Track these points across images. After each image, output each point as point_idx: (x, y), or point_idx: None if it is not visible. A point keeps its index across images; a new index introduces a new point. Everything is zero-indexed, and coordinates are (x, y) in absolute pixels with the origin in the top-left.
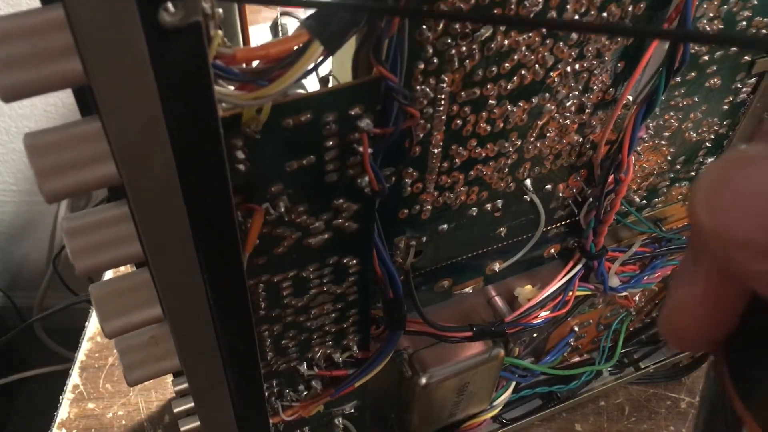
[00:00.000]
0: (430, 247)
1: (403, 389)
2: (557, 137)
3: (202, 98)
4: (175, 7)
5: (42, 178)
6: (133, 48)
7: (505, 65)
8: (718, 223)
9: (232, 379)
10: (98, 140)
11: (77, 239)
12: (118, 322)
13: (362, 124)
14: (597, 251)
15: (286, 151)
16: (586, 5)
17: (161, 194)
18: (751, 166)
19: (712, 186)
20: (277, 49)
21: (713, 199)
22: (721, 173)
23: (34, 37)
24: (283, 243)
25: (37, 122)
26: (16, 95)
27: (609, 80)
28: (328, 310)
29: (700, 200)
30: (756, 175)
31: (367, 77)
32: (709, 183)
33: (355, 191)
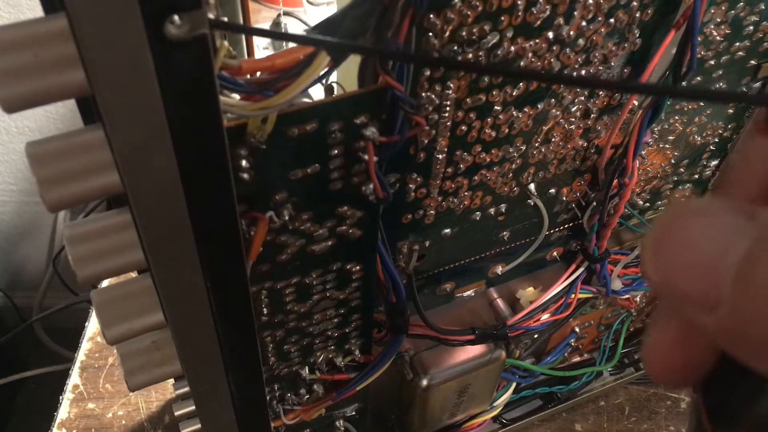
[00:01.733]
0: (433, 251)
1: (405, 391)
2: (562, 142)
3: (208, 109)
4: (182, 20)
5: (45, 187)
6: (139, 60)
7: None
8: (663, 279)
9: (233, 384)
10: (101, 149)
11: (79, 247)
12: (119, 328)
13: (368, 133)
14: (600, 254)
15: (290, 159)
16: (594, 12)
17: (165, 203)
18: (693, 219)
19: (655, 241)
20: (283, 60)
21: (658, 254)
22: (664, 228)
23: (36, 47)
24: (286, 250)
25: (37, 122)
26: (18, 106)
27: None
28: (331, 316)
29: (647, 255)
30: (694, 229)
31: (373, 86)
32: (652, 238)
33: (359, 199)
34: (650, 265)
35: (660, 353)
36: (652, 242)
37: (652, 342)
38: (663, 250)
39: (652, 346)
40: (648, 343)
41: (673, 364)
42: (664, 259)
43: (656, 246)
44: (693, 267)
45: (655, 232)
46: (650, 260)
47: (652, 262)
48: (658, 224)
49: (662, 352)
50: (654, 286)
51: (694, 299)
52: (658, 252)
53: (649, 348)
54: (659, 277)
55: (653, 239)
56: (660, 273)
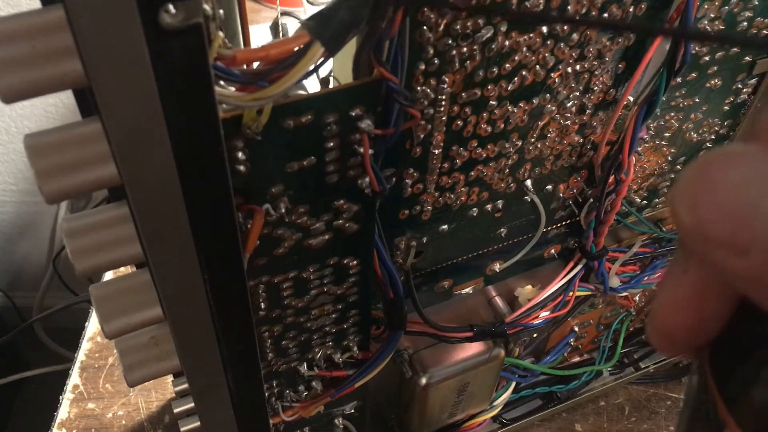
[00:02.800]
0: (431, 247)
1: (404, 389)
2: (558, 138)
3: (203, 99)
4: (176, 9)
5: (42, 178)
6: (134, 49)
7: (506, 66)
8: (697, 221)
9: (232, 380)
10: (98, 141)
11: (77, 240)
12: (118, 322)
13: (363, 125)
14: (597, 252)
15: (286, 152)
16: (587, 5)
17: (161, 195)
18: (730, 163)
19: (692, 184)
20: (278, 51)
21: (692, 197)
22: (700, 171)
23: (34, 38)
24: (283, 244)
25: (37, 122)
26: (16, 96)
27: (610, 81)
28: (329, 311)
29: (680, 198)
30: (734, 172)
31: (368, 78)
32: (688, 181)
33: (355, 192)
34: (683, 208)
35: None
36: (687, 185)
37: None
38: (698, 192)
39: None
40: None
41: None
42: (698, 201)
43: (691, 187)
44: (728, 209)
45: (690, 175)
46: (683, 201)
47: (684, 205)
48: (694, 166)
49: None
50: (684, 228)
51: (727, 242)
52: (692, 193)
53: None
54: (691, 219)
55: (689, 181)
56: (693, 214)
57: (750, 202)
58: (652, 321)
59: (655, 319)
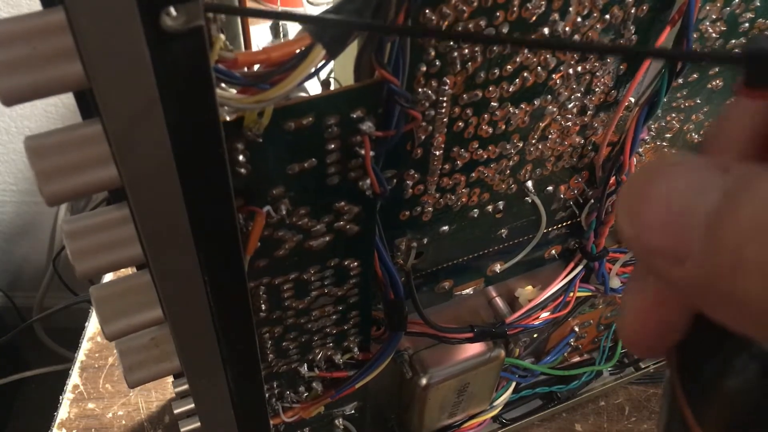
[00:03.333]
0: (431, 248)
1: (404, 390)
2: (559, 139)
3: (204, 102)
4: (177, 12)
5: (43, 180)
6: (135, 52)
7: (508, 67)
8: (635, 232)
9: (232, 381)
10: (99, 143)
11: (78, 241)
12: (118, 324)
13: (364, 127)
14: (598, 252)
15: (287, 154)
16: (589, 7)
17: (162, 197)
18: (664, 174)
19: (629, 196)
20: (279, 53)
21: (630, 209)
22: (637, 183)
23: (35, 40)
24: (284, 245)
25: (37, 122)
26: (16, 99)
27: (611, 82)
28: (329, 312)
29: (620, 209)
30: (668, 182)
31: (369, 80)
32: (627, 193)
33: (356, 194)
34: (622, 220)
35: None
36: (625, 196)
37: (626, 308)
38: (635, 204)
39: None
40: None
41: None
42: (635, 213)
43: (629, 200)
44: (664, 220)
45: (628, 186)
46: (622, 214)
47: (624, 217)
48: (632, 179)
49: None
50: (626, 241)
51: (665, 253)
52: (630, 206)
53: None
54: (631, 232)
55: (626, 193)
56: (632, 227)
57: (684, 211)
58: (619, 328)
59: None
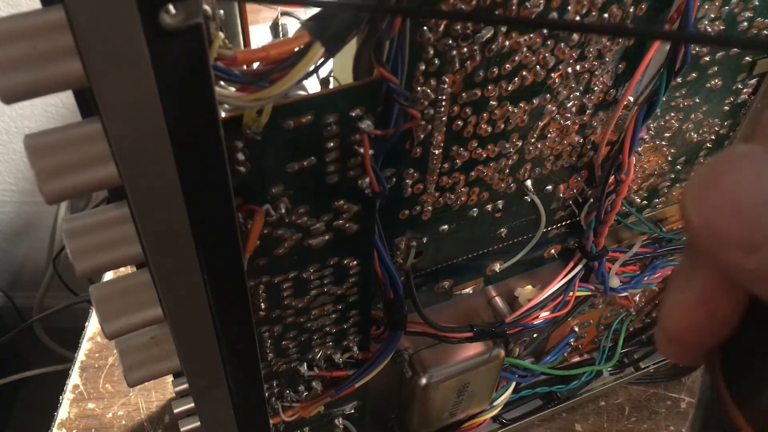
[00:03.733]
0: (431, 247)
1: (404, 389)
2: (558, 138)
3: (203, 100)
4: (176, 9)
5: (42, 179)
6: (134, 50)
7: (506, 66)
8: (706, 221)
9: (232, 380)
10: (99, 141)
11: (77, 240)
12: (118, 323)
13: (363, 126)
14: (598, 252)
15: (286, 152)
16: (588, 6)
17: (162, 196)
18: (736, 163)
19: (701, 185)
20: (278, 51)
21: (701, 198)
22: (710, 173)
23: (34, 38)
24: (283, 244)
25: (37, 122)
26: (16, 97)
27: (610, 81)
28: (329, 311)
29: (690, 200)
30: (741, 171)
31: (368, 78)
32: (698, 183)
33: (355, 192)
34: (692, 208)
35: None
36: (696, 185)
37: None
38: (707, 192)
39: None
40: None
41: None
42: (707, 201)
43: (700, 188)
44: (736, 208)
45: (699, 175)
46: (693, 202)
47: (695, 205)
48: (704, 168)
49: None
50: (694, 231)
51: (736, 241)
52: (702, 194)
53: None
54: (701, 220)
55: (698, 182)
56: (703, 215)
57: (758, 200)
58: (661, 326)
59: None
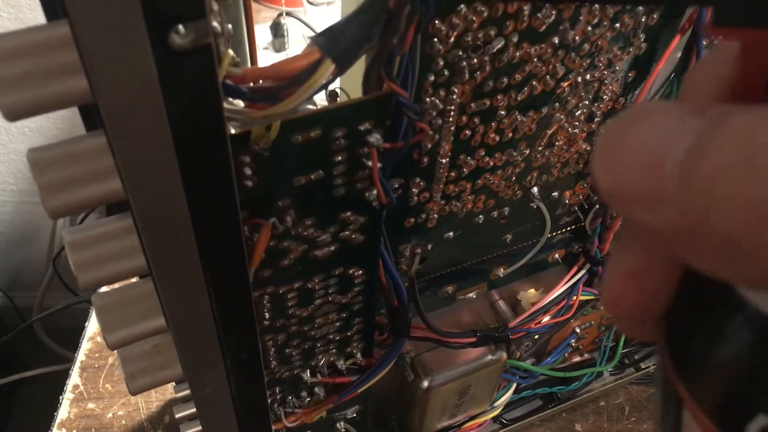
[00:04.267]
0: (436, 254)
1: (405, 392)
2: (566, 146)
3: (212, 118)
4: (186, 29)
5: (47, 194)
6: (143, 69)
7: (516, 76)
8: (612, 180)
9: (235, 387)
10: (103, 156)
11: (81, 252)
12: (121, 333)
13: (372, 139)
14: (602, 257)
15: (294, 166)
16: (599, 17)
17: (167, 211)
18: (639, 119)
19: (603, 146)
20: (288, 68)
21: (606, 157)
22: (612, 130)
23: (38, 55)
24: (289, 255)
25: (37, 123)
26: (20, 114)
27: (619, 90)
28: (333, 320)
29: (597, 159)
30: (643, 126)
31: (378, 93)
32: (601, 144)
33: (362, 204)
34: (599, 168)
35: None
36: (600, 147)
37: (608, 277)
38: (610, 153)
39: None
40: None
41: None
42: (610, 162)
43: (604, 150)
44: (638, 164)
45: (603, 137)
46: (598, 165)
47: (600, 167)
48: (607, 129)
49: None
50: (603, 190)
51: (640, 197)
52: (605, 155)
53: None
54: (607, 181)
55: (601, 144)
56: (607, 176)
57: (658, 154)
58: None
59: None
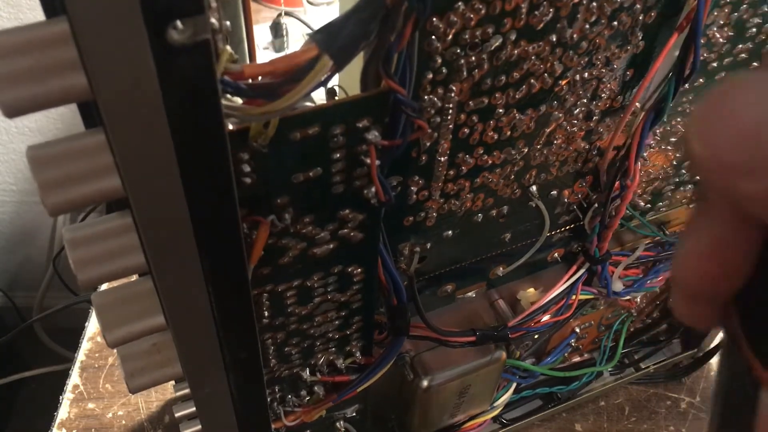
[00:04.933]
0: (435, 252)
1: (405, 392)
2: (564, 144)
3: (210, 115)
4: (184, 25)
5: (46, 191)
6: (141, 65)
7: (514, 74)
8: (710, 150)
9: (234, 385)
10: (102, 153)
11: (80, 250)
12: (120, 331)
13: (370, 137)
14: (601, 256)
15: (292, 163)
16: (597, 14)
17: (166, 208)
18: (736, 88)
19: (703, 115)
20: (286, 65)
21: (704, 127)
22: (709, 102)
23: (37, 51)
24: (288, 253)
25: (37, 123)
26: (19, 111)
27: (617, 88)
28: (332, 318)
29: (693, 130)
30: (741, 95)
31: (376, 90)
32: (699, 114)
33: (361, 202)
34: (696, 139)
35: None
36: (697, 117)
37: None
38: (707, 122)
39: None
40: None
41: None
42: (708, 131)
43: (701, 120)
44: (737, 134)
45: (699, 109)
46: (696, 134)
47: (699, 136)
48: (704, 100)
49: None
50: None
51: (740, 166)
52: (703, 125)
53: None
54: (705, 151)
55: (699, 115)
56: (705, 144)
57: (759, 121)
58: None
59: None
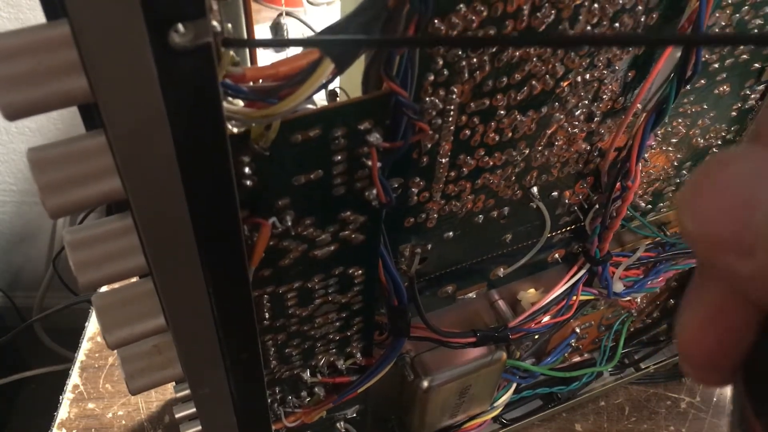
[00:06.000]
0: (435, 253)
1: (405, 392)
2: (565, 146)
3: (211, 118)
4: (186, 28)
5: (46, 194)
6: (142, 69)
7: (516, 76)
8: (699, 226)
9: (234, 387)
10: (103, 156)
11: (81, 252)
12: (121, 332)
13: (371, 139)
14: (602, 257)
15: (294, 165)
16: (599, 16)
17: (167, 210)
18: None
19: (692, 192)
20: (287, 68)
21: (693, 203)
22: (699, 176)
23: (38, 54)
24: (289, 255)
25: (37, 123)
26: (20, 113)
27: (619, 89)
28: (333, 319)
29: (683, 208)
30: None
31: (377, 92)
32: (689, 188)
33: (362, 203)
34: (685, 216)
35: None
36: (687, 192)
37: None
38: (697, 199)
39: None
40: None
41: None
42: (698, 207)
43: (691, 195)
44: (728, 208)
45: (690, 182)
46: (685, 210)
47: (687, 212)
48: (694, 175)
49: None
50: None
51: (730, 244)
52: (693, 201)
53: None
54: (694, 227)
55: (688, 189)
56: (695, 219)
57: (749, 198)
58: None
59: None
